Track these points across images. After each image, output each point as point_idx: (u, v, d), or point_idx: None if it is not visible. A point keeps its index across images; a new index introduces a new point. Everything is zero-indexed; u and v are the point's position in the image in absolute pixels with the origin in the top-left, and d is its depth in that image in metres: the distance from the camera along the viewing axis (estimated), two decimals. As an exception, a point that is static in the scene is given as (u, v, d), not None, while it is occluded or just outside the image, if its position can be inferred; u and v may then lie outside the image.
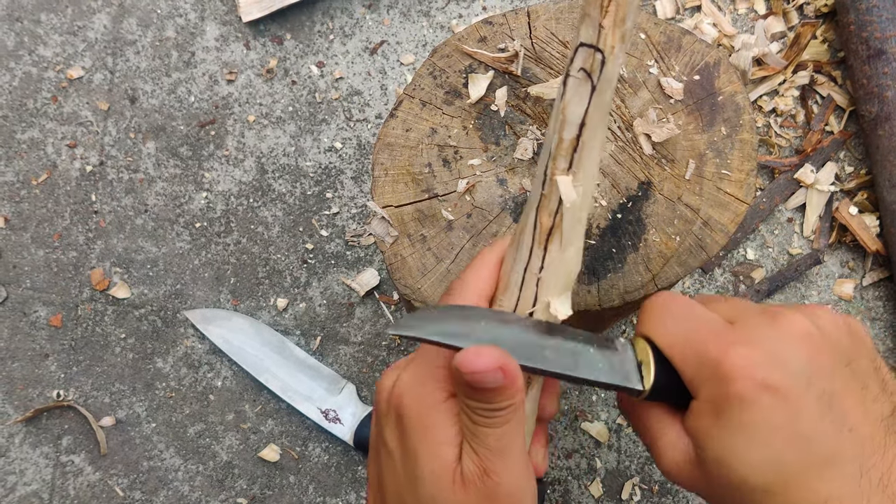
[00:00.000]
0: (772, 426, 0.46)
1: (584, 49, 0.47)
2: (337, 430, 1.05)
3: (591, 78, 0.47)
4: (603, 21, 0.46)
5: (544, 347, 0.50)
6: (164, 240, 1.13)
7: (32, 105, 1.16)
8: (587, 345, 0.51)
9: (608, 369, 0.50)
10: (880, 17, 1.06)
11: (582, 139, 0.49)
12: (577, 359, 0.50)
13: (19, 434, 1.09)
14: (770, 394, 0.45)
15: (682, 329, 0.50)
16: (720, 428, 0.47)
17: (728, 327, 0.49)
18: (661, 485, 1.06)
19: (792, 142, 1.15)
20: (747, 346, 0.47)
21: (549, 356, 0.49)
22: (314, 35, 1.18)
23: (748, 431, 0.46)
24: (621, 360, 0.51)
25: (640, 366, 0.51)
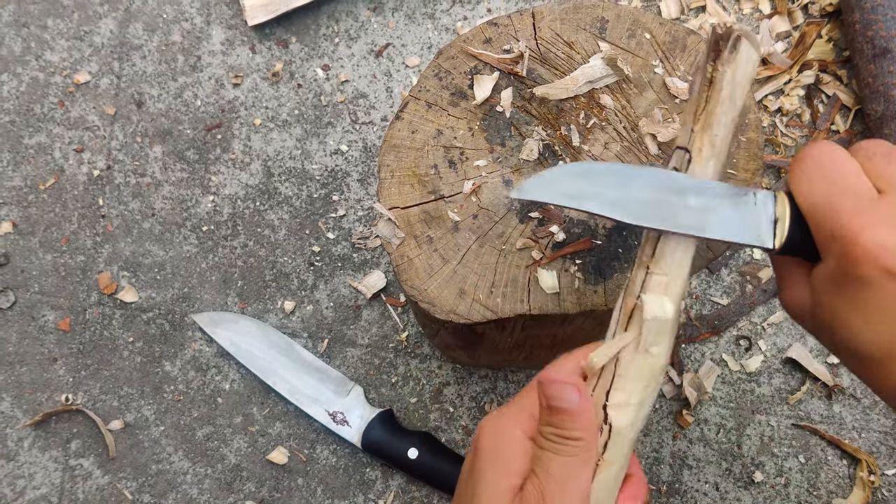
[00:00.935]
0: (888, 312, 0.47)
1: (679, 151, 0.53)
2: (345, 432, 1.05)
3: None
4: (694, 126, 0.52)
5: (673, 206, 0.50)
6: (172, 243, 1.14)
7: (39, 110, 1.17)
8: (722, 200, 0.51)
9: (740, 228, 0.51)
10: (885, 15, 1.06)
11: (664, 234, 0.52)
12: (709, 218, 0.50)
13: (28, 438, 1.10)
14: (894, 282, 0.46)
15: (823, 193, 0.49)
16: (839, 298, 0.48)
17: (872, 201, 0.48)
18: (669, 485, 1.06)
19: (798, 141, 1.14)
20: (882, 230, 0.46)
21: (677, 215, 0.50)
22: (319, 38, 1.19)
23: (865, 309, 0.47)
24: (757, 217, 0.51)
25: (776, 222, 0.51)
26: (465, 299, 0.67)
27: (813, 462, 1.05)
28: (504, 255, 0.67)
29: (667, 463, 1.06)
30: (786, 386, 1.07)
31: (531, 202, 0.55)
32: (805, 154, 0.51)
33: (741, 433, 1.06)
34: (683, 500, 1.05)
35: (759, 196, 0.51)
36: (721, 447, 1.06)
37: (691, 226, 0.50)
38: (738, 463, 1.06)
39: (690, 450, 1.06)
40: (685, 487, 1.05)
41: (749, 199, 0.51)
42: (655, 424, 1.07)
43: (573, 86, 0.68)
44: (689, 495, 1.05)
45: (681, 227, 0.50)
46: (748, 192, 0.51)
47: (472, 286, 0.67)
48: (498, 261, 0.67)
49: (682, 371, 1.07)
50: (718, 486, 1.05)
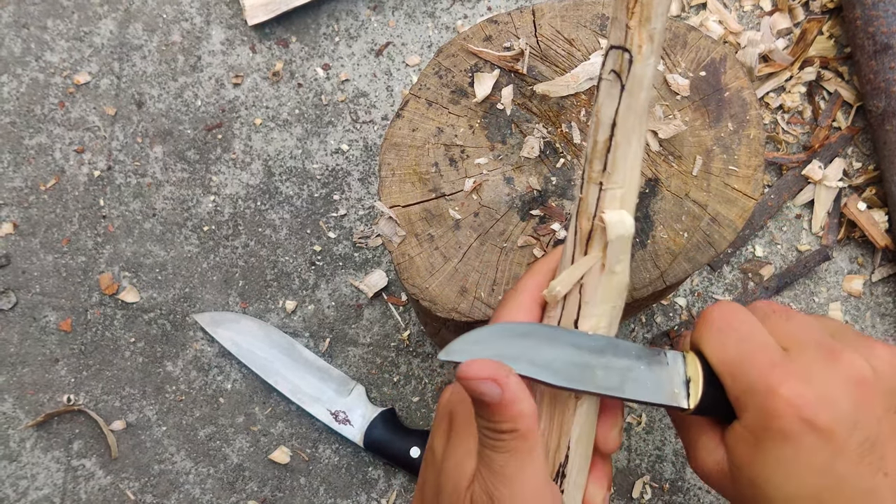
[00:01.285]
0: (810, 464, 0.46)
1: (614, 51, 0.49)
2: (347, 431, 1.05)
3: (621, 78, 0.48)
4: (629, 22, 0.47)
5: (594, 367, 0.49)
6: (173, 243, 1.13)
7: (40, 111, 1.17)
8: (638, 361, 0.50)
9: (655, 389, 0.50)
10: (886, 11, 1.06)
11: (615, 140, 0.49)
12: (626, 378, 0.50)
13: (30, 439, 1.10)
14: (814, 434, 0.46)
15: (735, 350, 0.50)
16: (759, 454, 0.48)
17: (783, 357, 0.48)
18: (671, 483, 1.05)
19: (799, 138, 1.14)
20: (799, 383, 0.46)
21: (598, 377, 0.49)
22: (319, 37, 1.18)
23: (786, 465, 0.47)
24: (670, 376, 0.51)
25: (689, 382, 0.51)
26: (467, 297, 0.67)
27: (816, 459, 1.05)
28: (505, 253, 0.67)
29: (669, 461, 1.06)
30: (788, 383, 1.07)
31: None
32: (713, 314, 0.52)
33: (744, 431, 1.06)
34: (686, 498, 1.05)
35: (668, 356, 0.52)
36: (724, 445, 1.06)
37: (612, 387, 0.49)
38: (740, 460, 1.05)
39: (693, 447, 1.06)
40: (688, 485, 1.05)
41: (661, 359, 0.51)
42: (658, 422, 1.07)
43: (574, 83, 0.68)
44: (692, 493, 1.05)
45: (602, 389, 0.49)
46: (660, 353, 0.51)
47: (474, 284, 0.67)
48: (499, 258, 0.67)
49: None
50: (721, 483, 1.05)
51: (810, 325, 0.51)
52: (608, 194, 0.50)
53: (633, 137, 0.50)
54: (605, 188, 0.50)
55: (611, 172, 0.50)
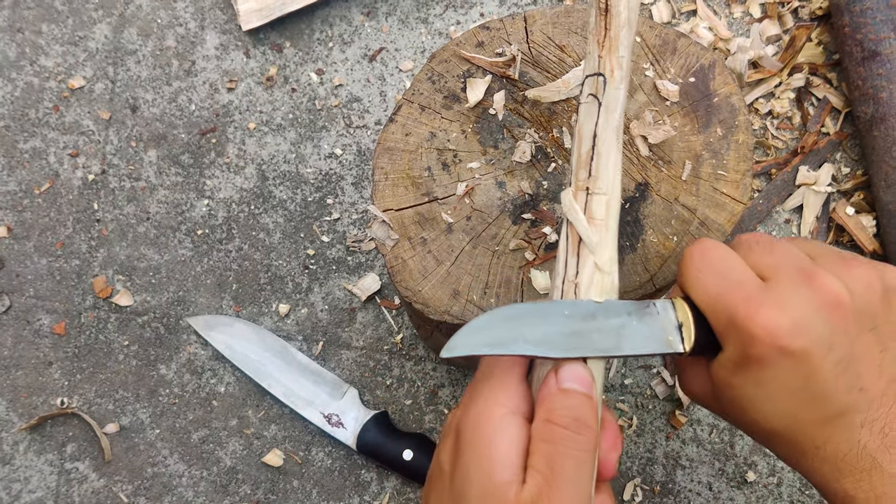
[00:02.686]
0: (787, 386, 0.50)
1: (590, 78, 0.56)
2: (340, 434, 1.05)
3: (598, 98, 0.55)
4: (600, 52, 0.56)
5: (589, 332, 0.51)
6: (167, 247, 1.14)
7: (34, 115, 1.17)
8: (629, 317, 0.53)
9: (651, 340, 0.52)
10: (874, 18, 1.07)
11: (596, 150, 0.55)
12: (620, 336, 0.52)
13: (24, 442, 1.10)
14: (790, 358, 0.48)
15: (715, 287, 0.51)
16: (741, 379, 0.51)
17: (760, 287, 0.50)
18: (662, 485, 1.06)
19: (788, 144, 1.15)
20: (774, 311, 0.48)
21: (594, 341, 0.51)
22: (313, 43, 1.19)
23: (764, 387, 0.50)
24: (662, 325, 0.53)
25: (681, 326, 0.53)
26: (459, 300, 0.67)
27: (805, 462, 1.06)
28: (497, 256, 0.68)
29: (660, 463, 1.07)
30: (778, 386, 1.08)
31: None
32: (692, 254, 0.54)
33: (734, 433, 1.07)
34: (677, 500, 1.06)
35: (658, 306, 0.54)
36: (714, 447, 1.07)
37: (610, 348, 0.51)
38: (731, 463, 1.06)
39: (683, 450, 1.07)
40: (678, 487, 1.06)
41: (652, 310, 0.53)
42: (649, 425, 1.08)
43: (565, 88, 0.69)
44: (683, 495, 1.06)
45: (601, 352, 0.51)
46: (649, 304, 0.53)
47: (466, 287, 0.67)
48: (491, 262, 0.68)
49: (674, 372, 1.08)
50: (711, 485, 1.06)
51: (791, 252, 0.53)
52: (594, 199, 0.54)
53: (613, 149, 0.55)
54: (591, 192, 0.55)
55: (595, 177, 0.54)
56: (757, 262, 0.53)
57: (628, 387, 1.09)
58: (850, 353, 0.50)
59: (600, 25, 0.56)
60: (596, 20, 0.56)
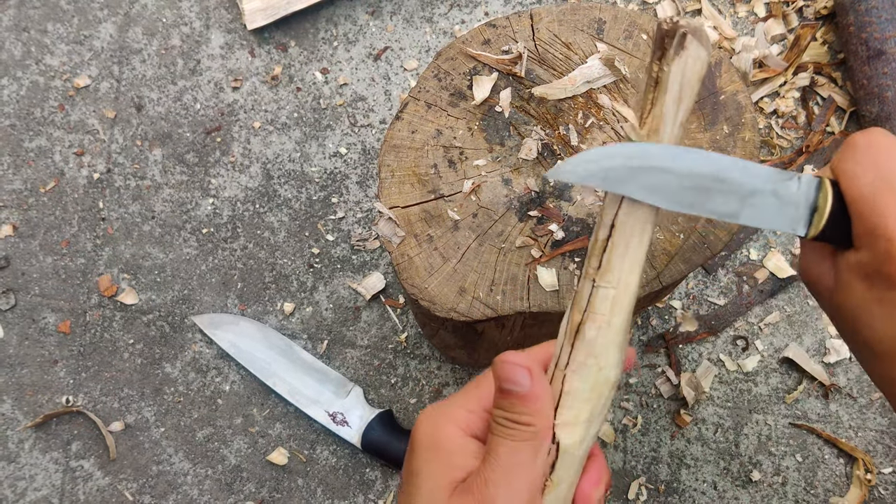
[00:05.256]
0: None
1: None
2: (344, 432, 1.05)
3: None
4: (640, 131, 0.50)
5: (712, 192, 0.49)
6: (172, 246, 1.14)
7: (40, 114, 1.17)
8: (765, 185, 0.49)
9: (775, 215, 0.49)
10: (879, 17, 1.07)
11: (612, 240, 0.50)
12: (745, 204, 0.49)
13: (29, 440, 1.10)
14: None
15: (873, 186, 0.48)
16: (866, 290, 0.48)
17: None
18: (667, 484, 1.06)
19: (793, 143, 1.15)
20: None
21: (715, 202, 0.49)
22: (318, 42, 1.19)
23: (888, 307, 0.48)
24: (795, 203, 0.50)
25: (815, 211, 0.50)
26: (465, 297, 0.67)
27: (810, 461, 1.06)
28: (503, 254, 0.68)
29: (665, 462, 1.07)
30: (783, 385, 1.08)
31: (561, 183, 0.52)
32: (858, 140, 0.50)
33: (739, 432, 1.07)
34: (682, 499, 1.06)
35: (802, 181, 0.50)
36: (719, 446, 1.07)
37: (728, 213, 0.49)
38: (735, 462, 1.06)
39: (688, 449, 1.07)
40: (683, 486, 1.06)
41: (792, 184, 0.50)
42: (654, 424, 1.08)
43: (571, 86, 0.69)
44: (688, 494, 1.06)
45: (717, 215, 0.49)
46: (792, 177, 0.50)
47: (472, 284, 0.67)
48: (497, 259, 0.68)
49: (679, 371, 1.08)
50: (716, 484, 1.06)
51: None
52: (600, 292, 0.50)
53: (633, 241, 0.50)
54: (597, 285, 0.50)
55: (604, 272, 0.50)
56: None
57: (633, 386, 1.09)
58: None
59: (647, 98, 0.50)
60: (644, 90, 0.50)
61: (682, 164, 0.49)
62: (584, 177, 0.49)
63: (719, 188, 0.49)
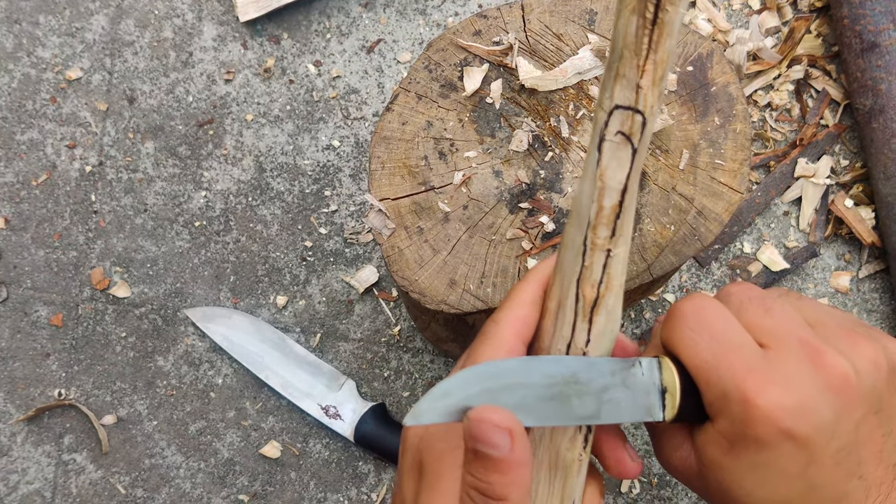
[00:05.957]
0: (784, 472, 0.45)
1: (622, 111, 0.44)
2: (337, 426, 1.05)
3: (632, 141, 0.44)
4: (641, 81, 0.43)
5: (569, 397, 0.46)
6: (164, 239, 1.14)
7: (31, 106, 1.17)
8: (612, 378, 0.47)
9: (632, 408, 0.47)
10: (873, 10, 1.07)
11: (624, 205, 0.46)
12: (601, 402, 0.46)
13: (21, 433, 1.10)
14: (791, 443, 0.44)
15: (709, 352, 0.46)
16: (731, 460, 0.46)
17: (761, 358, 0.45)
18: (659, 478, 1.06)
19: (787, 136, 1.15)
20: (777, 390, 0.44)
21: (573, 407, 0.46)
22: (311, 34, 1.19)
23: (759, 471, 0.45)
24: (646, 389, 0.47)
25: (665, 392, 0.47)
26: (456, 289, 0.67)
27: (803, 454, 1.06)
28: (494, 246, 0.67)
29: (658, 455, 1.07)
30: (776, 378, 1.08)
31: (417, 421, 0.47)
32: (682, 311, 0.48)
33: (732, 425, 1.07)
34: (674, 493, 1.06)
35: (643, 365, 0.48)
36: (712, 439, 1.07)
37: (588, 416, 0.46)
38: (728, 455, 1.06)
39: (681, 442, 1.07)
40: (675, 480, 1.06)
41: (636, 370, 0.48)
42: (646, 417, 1.07)
43: (562, 77, 0.69)
44: (680, 487, 1.06)
45: (578, 420, 0.46)
46: (634, 363, 0.48)
47: (463, 276, 0.67)
48: (488, 251, 0.67)
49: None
50: (709, 478, 1.06)
51: (790, 318, 0.48)
52: (613, 259, 0.47)
53: (636, 195, 0.47)
54: (612, 254, 0.47)
55: (618, 237, 0.46)
56: (752, 323, 0.47)
57: (626, 379, 1.08)
58: (853, 440, 0.45)
59: (642, 41, 0.42)
60: (636, 32, 0.42)
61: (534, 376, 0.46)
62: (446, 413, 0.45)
63: (574, 391, 0.46)
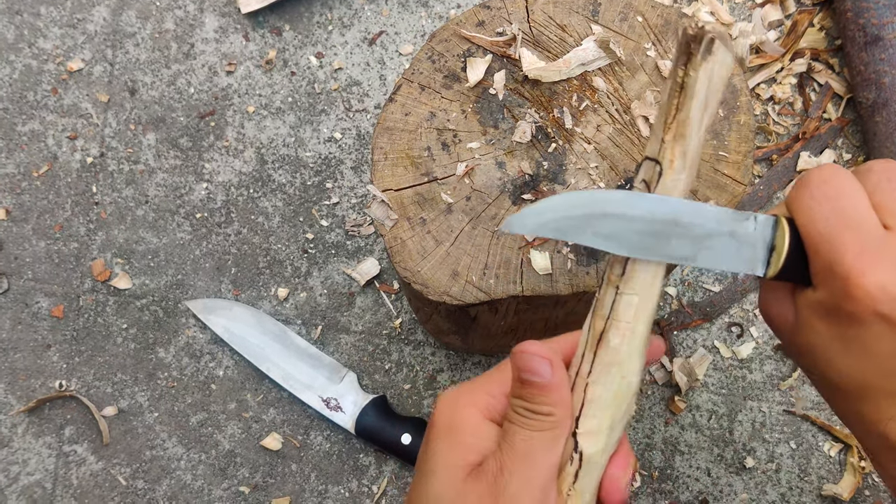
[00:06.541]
0: (873, 351, 0.47)
1: (647, 162, 0.49)
2: (338, 418, 1.05)
3: (649, 187, 0.49)
4: (665, 136, 0.48)
5: (668, 236, 0.48)
6: (165, 230, 1.14)
7: (33, 97, 1.17)
8: (720, 226, 0.49)
9: (733, 257, 0.49)
10: (877, 3, 1.06)
11: None
12: (701, 247, 0.48)
13: (22, 424, 1.10)
14: (884, 325, 0.46)
15: (829, 224, 0.47)
16: (826, 327, 0.48)
17: (878, 239, 0.46)
18: (660, 471, 1.06)
19: (790, 130, 1.15)
20: (885, 273, 0.45)
21: (671, 245, 0.48)
22: (313, 26, 1.19)
23: (849, 344, 0.47)
24: (753, 244, 0.49)
25: (773, 250, 0.49)
26: (458, 281, 0.67)
27: (804, 448, 1.06)
28: (497, 237, 0.67)
29: (659, 449, 1.07)
30: (777, 372, 1.08)
31: None
32: (812, 178, 0.49)
33: (733, 419, 1.07)
34: (675, 486, 1.06)
35: (759, 221, 0.50)
36: (713, 433, 1.07)
37: (684, 256, 0.48)
38: (729, 449, 1.06)
39: (682, 436, 1.07)
40: (677, 473, 1.06)
41: (749, 224, 0.49)
42: (647, 410, 1.07)
43: (566, 68, 0.69)
44: (681, 481, 1.06)
45: (673, 258, 0.48)
46: (748, 217, 0.49)
47: (465, 268, 0.67)
48: (491, 242, 0.67)
49: (673, 357, 1.08)
50: (710, 471, 1.06)
51: None
52: (623, 299, 0.50)
53: None
54: (620, 292, 0.50)
55: (628, 278, 0.50)
56: (883, 203, 0.47)
57: (627, 372, 1.08)
58: None
59: (671, 104, 0.48)
60: (668, 95, 0.48)
61: (637, 210, 0.48)
62: (540, 227, 0.48)
63: (675, 232, 0.48)
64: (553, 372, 0.48)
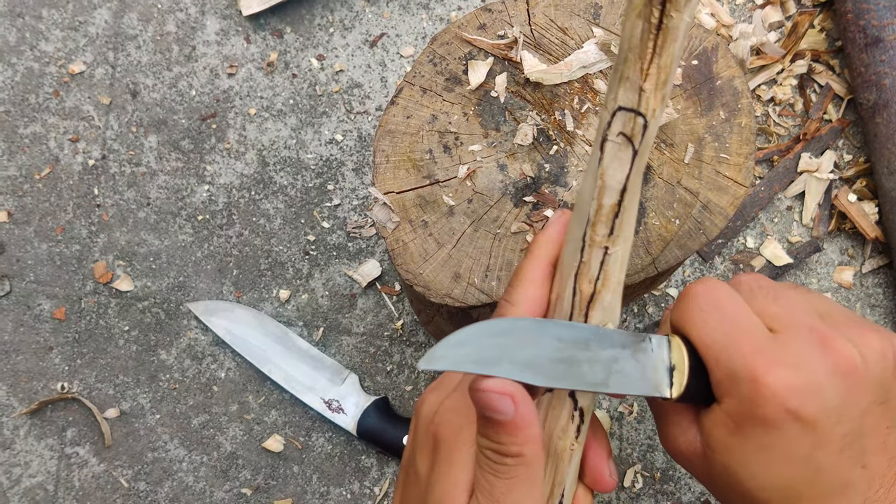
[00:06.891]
0: (790, 454, 0.45)
1: (624, 113, 0.45)
2: (340, 420, 1.05)
3: (633, 143, 0.45)
4: (644, 84, 0.43)
5: (580, 362, 0.47)
6: (167, 232, 1.14)
7: (34, 100, 1.17)
8: (623, 350, 0.48)
9: (640, 380, 0.48)
10: (878, 4, 1.07)
11: (623, 204, 0.47)
12: (611, 371, 0.47)
13: (24, 426, 1.10)
14: (798, 424, 0.44)
15: (720, 333, 0.47)
16: (738, 441, 0.46)
17: (770, 340, 0.46)
18: (662, 472, 1.06)
19: (790, 131, 1.15)
20: (786, 371, 0.44)
21: (583, 372, 0.46)
22: (314, 28, 1.19)
23: (765, 454, 0.46)
24: (654, 364, 0.48)
25: (673, 369, 0.48)
26: (460, 283, 0.67)
27: (805, 448, 1.06)
28: (499, 239, 0.67)
29: (660, 450, 1.07)
30: (778, 373, 1.08)
31: None
32: (697, 291, 0.49)
33: (734, 420, 1.07)
34: (677, 487, 1.06)
35: (653, 342, 0.49)
36: (714, 434, 1.07)
37: (597, 383, 0.47)
38: (731, 449, 1.06)
39: (684, 437, 1.07)
40: (679, 474, 1.06)
41: (646, 345, 0.48)
42: (649, 412, 1.08)
43: (567, 71, 0.69)
44: (683, 482, 1.06)
45: (588, 386, 0.47)
46: (645, 339, 0.48)
47: (467, 270, 0.67)
48: (493, 245, 0.67)
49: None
50: (711, 472, 1.06)
51: (798, 305, 0.49)
52: (611, 257, 0.48)
53: (637, 196, 0.48)
54: (610, 252, 0.48)
55: (617, 236, 0.47)
56: (762, 309, 0.48)
57: (629, 373, 1.09)
58: (858, 427, 0.46)
59: (647, 46, 0.42)
60: (641, 36, 0.42)
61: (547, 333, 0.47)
62: (458, 363, 0.45)
63: (585, 357, 0.47)
64: (516, 408, 0.45)
